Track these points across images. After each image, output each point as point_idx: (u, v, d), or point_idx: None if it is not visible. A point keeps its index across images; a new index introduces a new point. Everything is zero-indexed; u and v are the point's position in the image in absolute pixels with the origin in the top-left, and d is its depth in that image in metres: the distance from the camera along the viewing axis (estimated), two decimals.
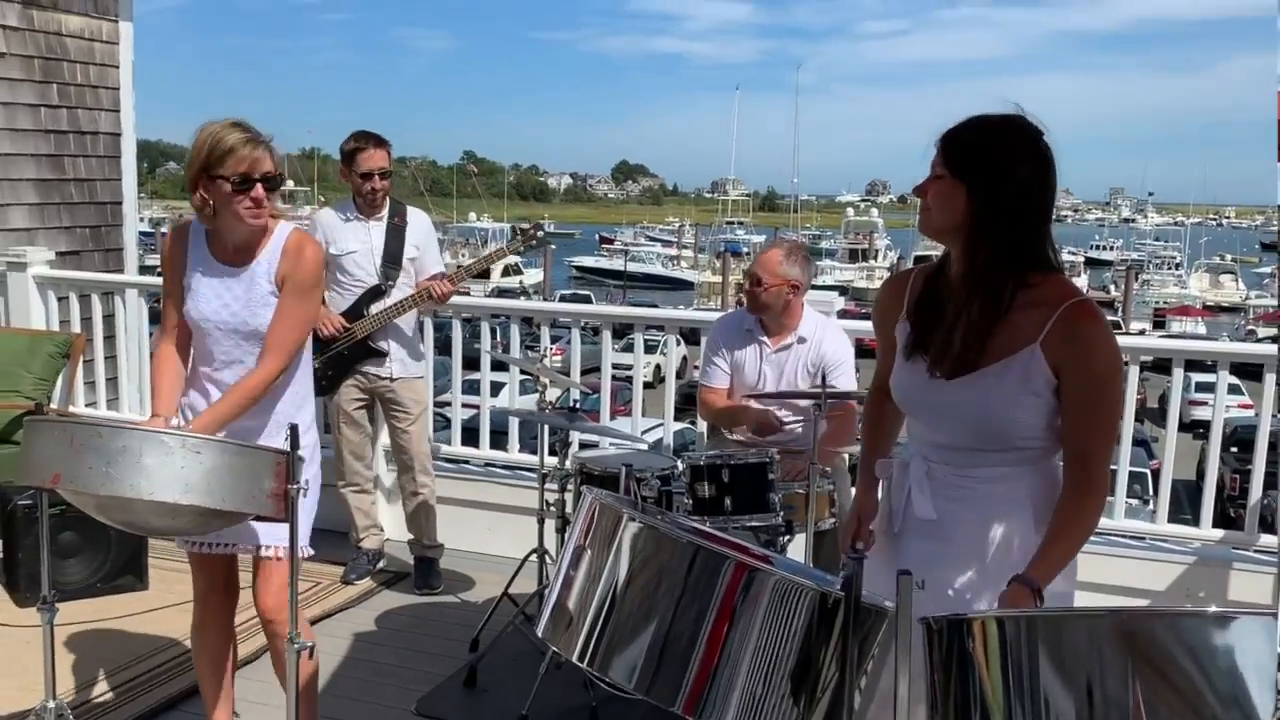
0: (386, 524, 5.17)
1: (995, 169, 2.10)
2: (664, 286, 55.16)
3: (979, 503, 2.23)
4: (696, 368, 5.31)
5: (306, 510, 3.00)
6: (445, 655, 4.24)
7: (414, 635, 4.46)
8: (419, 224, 4.84)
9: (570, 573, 2.07)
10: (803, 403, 3.99)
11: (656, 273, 60.15)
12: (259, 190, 2.86)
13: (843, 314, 5.02)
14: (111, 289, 5.98)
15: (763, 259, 4.05)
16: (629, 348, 5.44)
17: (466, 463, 5.52)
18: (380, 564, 5.04)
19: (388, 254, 4.67)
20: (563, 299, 41.10)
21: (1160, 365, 4.85)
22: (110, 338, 6.00)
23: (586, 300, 38.00)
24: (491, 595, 4.69)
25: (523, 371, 5.16)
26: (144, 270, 7.10)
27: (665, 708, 1.91)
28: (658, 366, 23.67)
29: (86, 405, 5.86)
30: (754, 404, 4.08)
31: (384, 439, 5.21)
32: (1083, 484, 2.14)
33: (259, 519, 2.80)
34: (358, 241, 4.67)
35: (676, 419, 5.38)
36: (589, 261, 65.00)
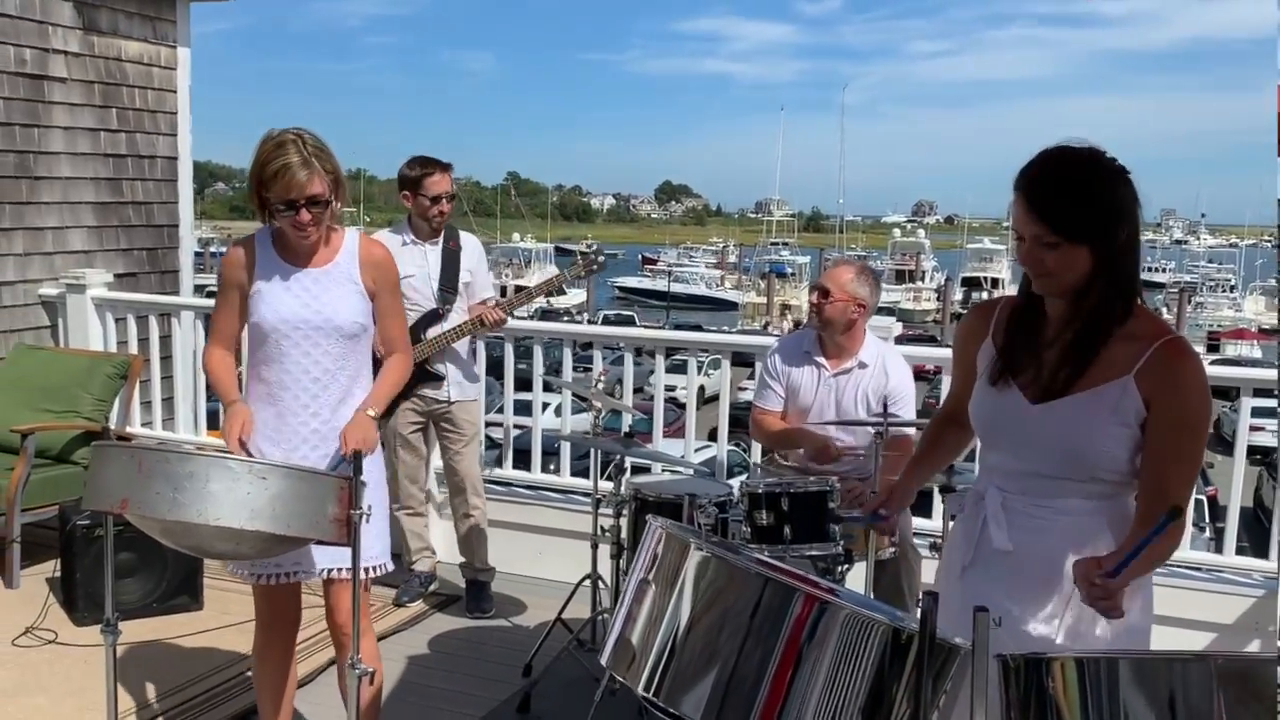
0: (438, 546, 5.18)
1: (1109, 223, 2.07)
2: (708, 307, 55.11)
3: (1057, 534, 2.19)
4: (743, 388, 5.27)
5: (379, 528, 3.06)
6: (497, 680, 4.23)
7: (466, 659, 4.45)
8: (472, 248, 4.85)
9: (635, 602, 2.05)
10: (862, 431, 3.95)
11: (700, 293, 60.12)
12: (304, 215, 2.90)
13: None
14: (169, 310, 6.05)
15: (832, 273, 4.02)
16: (674, 368, 5.42)
17: (517, 486, 5.52)
18: (432, 586, 5.04)
19: (444, 278, 4.69)
20: (606, 319, 41.18)
21: (1218, 390, 4.76)
22: (167, 358, 6.07)
23: (630, 321, 37.97)
24: (543, 619, 4.68)
25: (575, 395, 5.16)
26: (195, 290, 7.17)
27: None
28: (701, 388, 23.66)
29: (143, 425, 5.92)
30: (812, 428, 4.04)
31: (435, 462, 5.22)
32: (1171, 531, 2.03)
33: (322, 544, 2.81)
34: (414, 265, 4.69)
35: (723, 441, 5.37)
36: (632, 282, 65.11)
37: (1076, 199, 2.05)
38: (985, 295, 62.84)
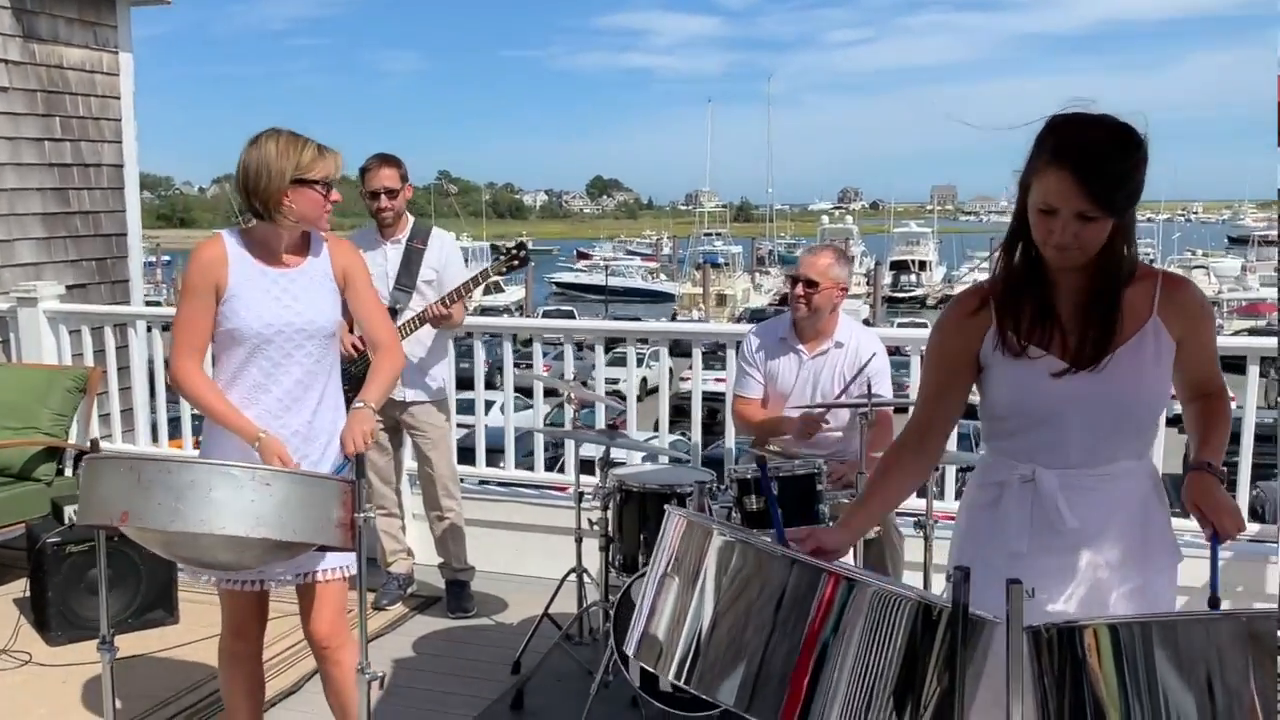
0: (414, 548, 5.14)
1: (1137, 191, 2.08)
2: (645, 299, 55.17)
3: (1118, 499, 2.20)
4: (684, 379, 5.31)
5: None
6: (486, 679, 4.22)
7: (452, 659, 4.43)
8: (440, 246, 4.80)
9: (660, 590, 2.05)
10: (840, 410, 3.99)
11: (637, 286, 60.15)
12: (335, 194, 2.94)
13: None
14: (124, 320, 5.94)
15: (814, 262, 4.04)
16: (615, 361, 5.46)
17: (490, 484, 5.50)
18: (411, 589, 5.01)
19: (402, 276, 4.64)
20: (545, 315, 41.04)
21: None
22: (123, 369, 5.96)
23: (570, 316, 37.92)
24: (526, 616, 4.67)
25: (548, 391, 5.15)
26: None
27: None
28: (644, 380, 23.70)
29: (102, 439, 5.80)
30: (791, 412, 4.07)
31: (409, 463, 5.19)
32: (1223, 392, 2.32)
33: (325, 549, 2.78)
34: (374, 265, 4.62)
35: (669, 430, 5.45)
36: (568, 277, 64.94)
37: (1126, 176, 2.03)
38: (914, 278, 64.35)
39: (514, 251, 4.78)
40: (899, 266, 65.85)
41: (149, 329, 5.91)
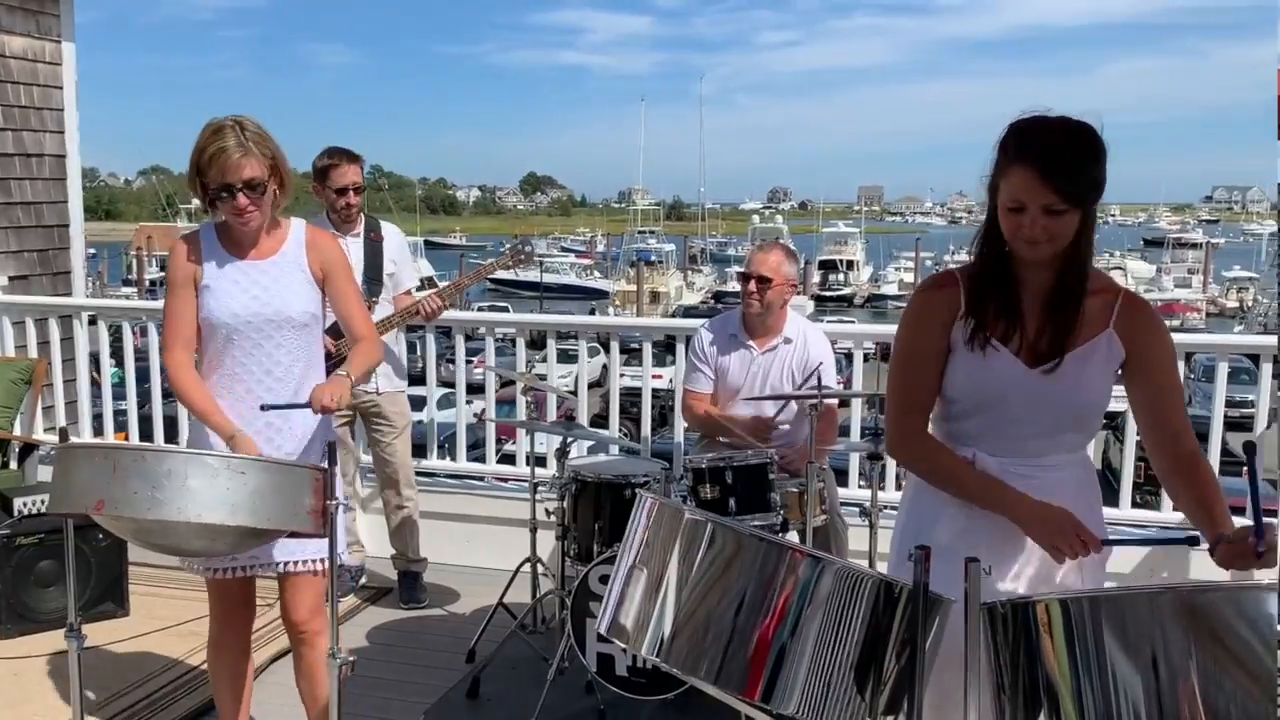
0: (365, 540, 5.17)
1: (1099, 185, 2.20)
2: (580, 296, 55.13)
3: (1053, 486, 2.31)
4: (622, 375, 5.40)
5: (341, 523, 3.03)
6: (441, 668, 4.27)
7: (407, 649, 4.48)
8: (394, 239, 4.86)
9: (632, 569, 2.13)
10: (792, 403, 4.11)
11: (572, 283, 60.09)
12: (240, 199, 2.90)
13: None
14: (69, 312, 5.88)
15: (766, 260, 4.14)
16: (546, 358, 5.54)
17: (440, 475, 5.54)
18: (362, 580, 5.04)
19: (369, 270, 4.68)
20: (480, 310, 40.84)
21: None
22: (68, 361, 5.90)
23: (505, 311, 37.80)
24: (478, 606, 4.73)
25: (503, 382, 5.22)
26: None
27: (736, 696, 1.98)
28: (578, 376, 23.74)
29: (46, 431, 5.75)
30: (741, 410, 4.18)
31: (363, 456, 5.21)
32: (1200, 454, 2.30)
33: (292, 535, 2.83)
34: None
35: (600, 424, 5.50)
36: (503, 274, 64.37)
37: (1086, 170, 2.16)
38: (842, 277, 65.21)
39: (520, 247, 4.89)
40: (827, 266, 66.80)
41: (92, 321, 5.88)
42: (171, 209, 75.28)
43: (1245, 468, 2.09)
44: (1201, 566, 4.56)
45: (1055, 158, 2.13)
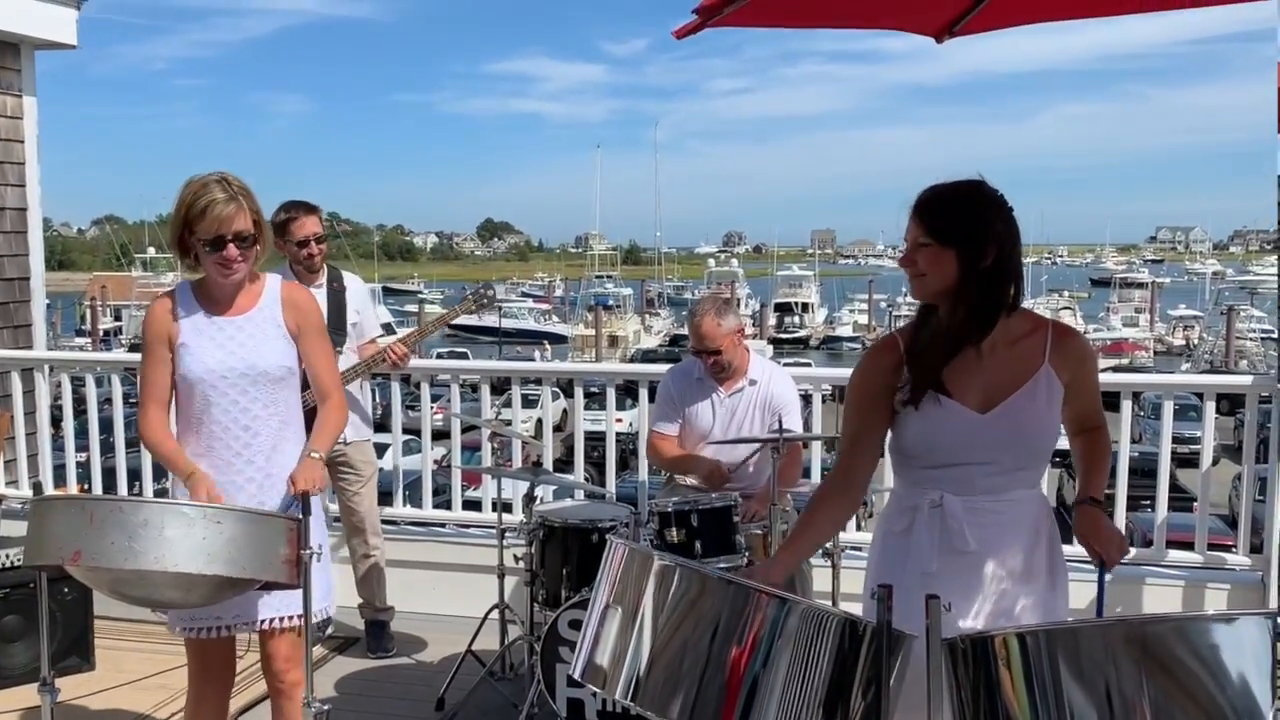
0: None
1: (976, 235, 2.36)
2: (538, 341, 55.15)
3: (1014, 522, 2.47)
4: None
5: (323, 574, 3.07)
6: (411, 716, 4.28)
7: (376, 699, 4.48)
8: (356, 288, 4.92)
9: (604, 613, 2.20)
10: (750, 446, 4.19)
11: (530, 328, 60.12)
12: (231, 250, 2.96)
13: None
14: (30, 365, 5.87)
15: (704, 330, 4.19)
16: (509, 403, 5.61)
17: (404, 524, 5.55)
18: (329, 630, 5.03)
19: (332, 320, 4.71)
20: (439, 357, 40.75)
21: None
22: (30, 414, 5.88)
23: (464, 358, 37.77)
24: (447, 654, 4.74)
25: (465, 428, 5.26)
26: None
27: None
28: (539, 421, 23.72)
29: (8, 484, 5.72)
30: (707, 453, 4.26)
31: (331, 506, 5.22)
32: (1104, 427, 2.66)
33: (267, 587, 2.86)
34: None
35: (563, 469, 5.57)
36: (462, 319, 64.30)
37: (950, 209, 2.38)
38: (797, 319, 65.77)
39: (481, 292, 4.97)
40: (783, 308, 67.50)
41: (51, 372, 5.87)
42: (126, 258, 74.67)
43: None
44: (1154, 601, 4.69)
45: (925, 199, 2.40)
